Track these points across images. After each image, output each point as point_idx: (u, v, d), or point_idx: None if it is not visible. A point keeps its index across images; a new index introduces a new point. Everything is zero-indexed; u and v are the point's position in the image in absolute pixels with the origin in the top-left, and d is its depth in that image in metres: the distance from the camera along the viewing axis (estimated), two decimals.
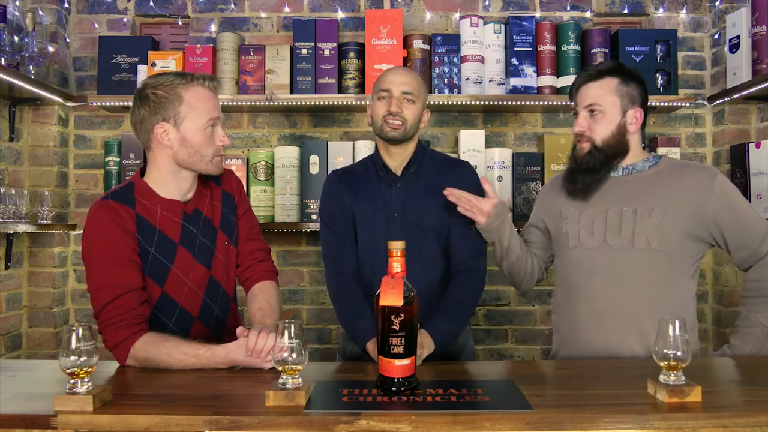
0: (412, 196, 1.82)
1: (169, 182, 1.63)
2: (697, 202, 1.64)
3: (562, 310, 1.82)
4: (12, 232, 2.47)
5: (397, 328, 1.23)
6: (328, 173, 2.11)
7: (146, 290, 1.57)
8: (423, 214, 1.80)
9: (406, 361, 1.24)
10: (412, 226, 1.80)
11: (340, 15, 2.84)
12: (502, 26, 2.67)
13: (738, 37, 2.52)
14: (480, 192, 1.82)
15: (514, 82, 2.65)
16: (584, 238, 1.73)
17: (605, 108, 1.70)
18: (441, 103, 2.60)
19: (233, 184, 1.80)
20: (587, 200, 1.75)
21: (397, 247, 1.26)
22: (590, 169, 1.73)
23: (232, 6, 2.84)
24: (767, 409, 1.12)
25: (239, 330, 1.47)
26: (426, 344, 1.61)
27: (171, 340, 1.49)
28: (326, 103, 2.61)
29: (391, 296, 1.23)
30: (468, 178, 1.86)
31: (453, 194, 1.70)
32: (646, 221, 1.65)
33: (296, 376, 1.19)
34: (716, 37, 2.78)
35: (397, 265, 1.26)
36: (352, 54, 2.65)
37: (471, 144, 2.63)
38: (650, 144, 2.74)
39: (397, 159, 1.85)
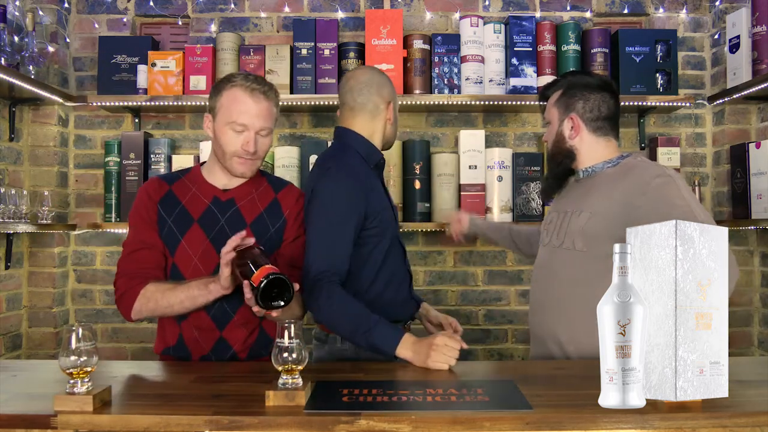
0: None
1: (215, 170, 1.72)
2: (627, 205, 1.63)
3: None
4: (12, 232, 2.47)
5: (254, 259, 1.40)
6: None
7: (163, 257, 1.68)
8: None
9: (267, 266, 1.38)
10: None
11: (340, 15, 2.84)
12: (502, 26, 2.67)
13: (738, 37, 2.52)
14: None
15: (514, 82, 2.65)
16: (542, 237, 1.89)
17: (549, 119, 1.85)
18: (441, 103, 2.60)
19: (291, 203, 1.74)
20: (548, 202, 1.91)
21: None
22: (549, 175, 1.90)
23: (232, 6, 2.84)
24: (767, 409, 1.12)
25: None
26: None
27: (170, 283, 1.60)
28: (326, 103, 2.61)
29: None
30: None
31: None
32: (574, 223, 1.72)
33: (296, 376, 1.19)
34: (716, 37, 2.78)
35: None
36: (352, 54, 2.65)
37: (471, 144, 2.63)
38: (650, 144, 2.74)
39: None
